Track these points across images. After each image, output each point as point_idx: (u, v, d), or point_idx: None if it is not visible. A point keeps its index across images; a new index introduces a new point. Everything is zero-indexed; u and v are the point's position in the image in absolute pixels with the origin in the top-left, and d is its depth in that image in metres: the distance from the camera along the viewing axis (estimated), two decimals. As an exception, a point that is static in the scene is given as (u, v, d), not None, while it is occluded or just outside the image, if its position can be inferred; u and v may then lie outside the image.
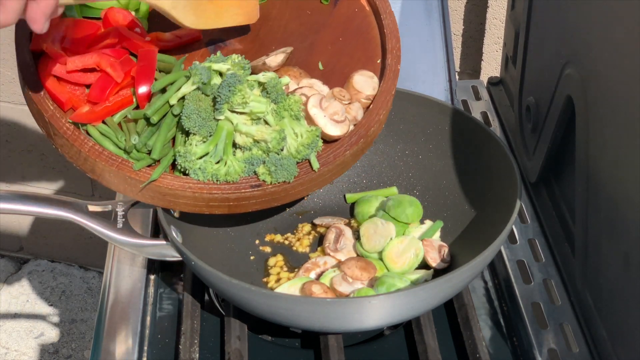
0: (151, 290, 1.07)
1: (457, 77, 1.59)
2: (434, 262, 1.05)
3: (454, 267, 1.01)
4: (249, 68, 0.98)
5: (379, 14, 1.08)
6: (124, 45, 1.00)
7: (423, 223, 1.12)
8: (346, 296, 0.99)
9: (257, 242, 1.12)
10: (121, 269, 1.08)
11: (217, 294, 1.05)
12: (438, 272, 1.04)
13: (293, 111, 0.96)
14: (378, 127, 1.02)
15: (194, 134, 0.94)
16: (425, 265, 1.06)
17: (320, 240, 1.12)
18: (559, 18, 1.05)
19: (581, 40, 0.96)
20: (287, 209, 1.16)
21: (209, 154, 0.95)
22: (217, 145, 0.95)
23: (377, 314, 0.90)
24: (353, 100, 1.03)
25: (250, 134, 0.95)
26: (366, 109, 1.03)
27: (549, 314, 1.02)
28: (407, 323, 1.02)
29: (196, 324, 1.01)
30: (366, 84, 1.03)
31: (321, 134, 0.98)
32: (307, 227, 1.14)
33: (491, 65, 1.57)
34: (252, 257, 1.10)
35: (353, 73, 1.04)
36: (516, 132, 1.24)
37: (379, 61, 1.06)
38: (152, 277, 1.09)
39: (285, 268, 1.08)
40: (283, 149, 0.96)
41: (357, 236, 1.08)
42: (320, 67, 1.07)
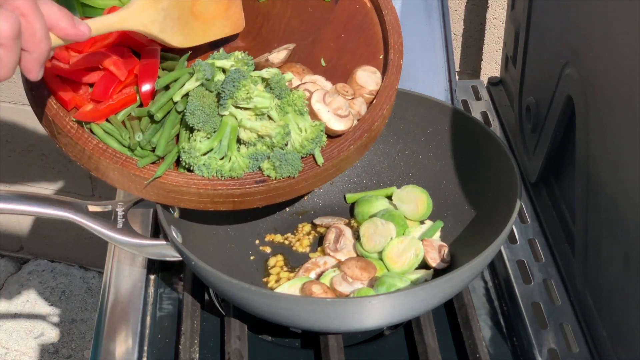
0: (151, 290, 1.07)
1: (457, 77, 1.59)
2: (434, 262, 1.05)
3: (454, 267, 1.01)
4: (252, 64, 0.98)
5: (381, 10, 1.08)
6: (127, 43, 1.00)
7: (423, 223, 1.12)
8: (346, 296, 0.99)
9: (257, 242, 1.12)
10: (121, 269, 1.08)
11: (217, 294, 1.05)
12: (438, 272, 1.04)
13: (297, 106, 0.96)
14: (382, 122, 1.02)
15: (198, 130, 0.94)
16: (425, 265, 1.06)
17: (320, 240, 1.12)
18: (559, 18, 1.04)
19: (581, 40, 0.96)
20: (287, 209, 1.16)
21: (214, 150, 0.95)
22: (222, 141, 0.95)
23: (377, 314, 0.90)
24: (356, 95, 1.03)
25: (254, 129, 0.95)
26: (369, 104, 1.03)
27: (549, 314, 1.02)
28: (407, 323, 1.02)
29: (196, 324, 1.01)
30: (369, 79, 1.03)
31: (325, 129, 0.98)
32: (307, 227, 1.14)
33: (491, 65, 1.57)
34: (252, 257, 1.10)
35: (356, 69, 1.04)
36: (516, 132, 1.24)
37: (382, 57, 1.06)
38: (152, 277, 1.09)
39: (285, 268, 1.08)
40: (287, 144, 0.96)
41: (357, 236, 1.08)
42: (322, 64, 1.07)
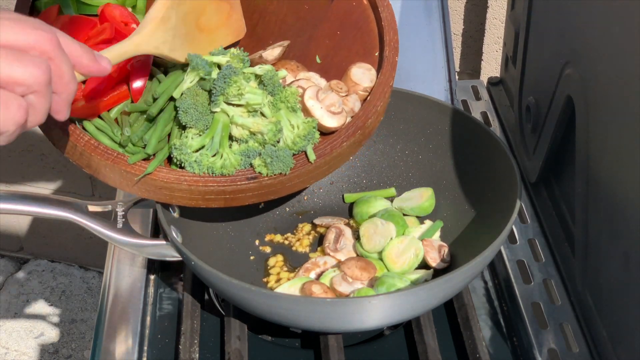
0: (151, 290, 1.07)
1: (457, 77, 1.59)
2: (434, 262, 1.05)
3: (454, 267, 1.01)
4: (248, 61, 0.98)
5: (377, 7, 1.07)
6: (120, 40, 1.00)
7: (423, 223, 1.12)
8: (346, 296, 0.99)
9: (257, 242, 1.12)
10: (121, 269, 1.08)
11: (217, 294, 1.05)
12: (438, 272, 1.04)
13: (289, 103, 0.96)
14: (376, 119, 1.02)
15: (191, 127, 0.94)
16: (425, 265, 1.06)
17: (320, 240, 1.12)
18: (559, 18, 1.04)
19: (581, 40, 0.96)
20: (287, 209, 1.16)
21: (205, 147, 0.95)
22: (213, 138, 0.94)
23: (377, 314, 0.90)
24: (350, 92, 1.02)
25: (246, 126, 0.95)
26: (364, 101, 1.03)
27: (549, 314, 1.02)
28: (407, 323, 1.02)
29: (196, 324, 1.01)
30: (364, 76, 1.03)
31: (318, 126, 0.98)
32: (307, 227, 1.14)
33: (491, 65, 1.57)
34: (252, 257, 1.10)
35: (351, 65, 1.04)
36: (516, 132, 1.24)
37: (377, 54, 1.06)
38: (152, 277, 1.09)
39: (285, 268, 1.08)
40: (279, 141, 0.96)
41: (357, 236, 1.08)
42: (317, 61, 1.07)
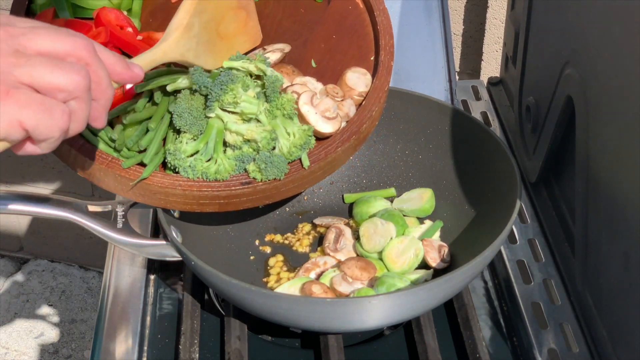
0: (151, 290, 1.07)
1: (457, 77, 1.59)
2: (434, 262, 1.05)
3: (454, 267, 1.01)
4: (269, 64, 0.98)
5: (373, 11, 1.07)
6: (116, 44, 1.00)
7: (423, 223, 1.12)
8: (346, 296, 0.99)
9: (257, 242, 1.12)
10: (121, 269, 1.08)
11: (217, 294, 1.05)
12: (438, 272, 1.04)
13: (285, 110, 0.96)
14: (371, 124, 1.02)
15: (185, 132, 0.94)
16: (425, 265, 1.06)
17: (320, 240, 1.12)
18: (559, 18, 1.04)
19: (581, 40, 0.96)
20: (287, 209, 1.16)
21: (200, 152, 0.95)
22: (208, 143, 0.94)
23: (377, 314, 0.90)
24: (346, 97, 1.02)
25: (240, 133, 0.95)
26: (359, 106, 1.02)
27: (549, 314, 1.02)
28: (407, 323, 1.02)
29: (196, 324, 1.01)
30: (359, 81, 1.03)
31: (313, 132, 0.98)
32: (307, 227, 1.14)
33: (491, 65, 1.57)
34: (252, 257, 1.10)
35: (346, 70, 1.04)
36: (516, 132, 1.24)
37: (372, 58, 1.06)
38: (152, 277, 1.09)
39: (285, 268, 1.08)
40: (275, 149, 0.96)
41: (357, 236, 1.08)
42: (313, 65, 1.06)
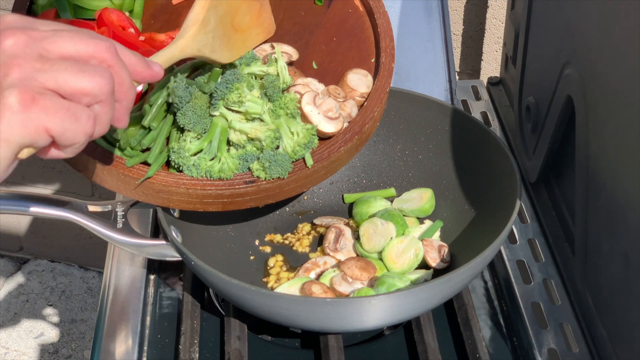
0: (151, 290, 1.07)
1: (457, 77, 1.59)
2: (434, 262, 1.05)
3: (454, 267, 1.01)
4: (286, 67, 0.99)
5: (373, 14, 1.08)
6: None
7: (423, 223, 1.12)
8: (346, 296, 0.99)
9: (257, 242, 1.12)
10: (121, 269, 1.08)
11: (217, 294, 1.05)
12: (438, 272, 1.04)
13: (289, 109, 0.96)
14: (373, 125, 1.02)
15: (189, 131, 0.94)
16: (425, 265, 1.06)
17: (320, 240, 1.12)
18: (559, 18, 1.04)
19: (581, 40, 0.96)
20: (287, 209, 1.16)
21: (203, 151, 0.95)
22: (212, 142, 0.95)
23: (377, 314, 0.90)
24: (347, 98, 1.03)
25: (244, 132, 0.95)
26: (360, 107, 1.03)
27: (549, 314, 1.02)
28: (407, 323, 1.02)
29: (196, 324, 1.01)
30: (360, 82, 1.03)
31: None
32: (307, 227, 1.14)
33: (491, 65, 1.57)
34: (252, 257, 1.10)
35: (347, 71, 1.04)
36: (516, 132, 1.24)
37: (373, 60, 1.06)
38: (152, 277, 1.09)
39: (285, 268, 1.08)
40: (278, 148, 0.96)
41: (357, 236, 1.08)
42: (314, 67, 1.07)
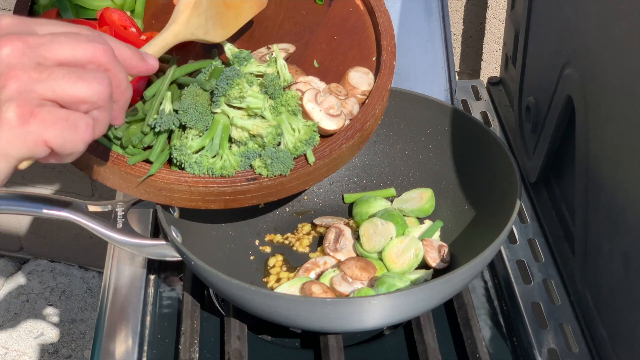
0: (151, 290, 1.07)
1: (457, 77, 1.59)
2: (434, 262, 1.05)
3: (454, 267, 1.01)
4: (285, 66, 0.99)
5: (374, 13, 1.08)
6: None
7: (423, 223, 1.12)
8: (346, 296, 0.99)
9: (257, 242, 1.12)
10: (121, 269, 1.08)
11: (217, 294, 1.05)
12: (438, 272, 1.04)
13: (290, 106, 0.96)
14: (374, 122, 1.02)
15: (190, 128, 0.95)
16: (425, 265, 1.06)
17: (320, 240, 1.12)
18: (559, 18, 1.04)
19: (581, 40, 0.96)
20: (287, 209, 1.16)
21: (205, 148, 0.95)
22: (213, 139, 0.95)
23: (377, 314, 0.90)
24: (349, 95, 1.03)
25: (245, 128, 0.95)
26: (362, 105, 1.03)
27: (549, 314, 1.02)
28: (407, 323, 1.02)
29: (196, 324, 1.01)
30: (362, 80, 1.04)
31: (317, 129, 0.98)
32: (307, 227, 1.14)
33: (491, 65, 1.57)
34: (252, 257, 1.10)
35: (348, 70, 1.05)
36: (516, 132, 1.24)
37: (374, 58, 1.07)
38: (152, 277, 1.09)
39: (285, 268, 1.08)
40: (280, 144, 0.96)
41: (357, 236, 1.08)
42: (315, 65, 1.07)
